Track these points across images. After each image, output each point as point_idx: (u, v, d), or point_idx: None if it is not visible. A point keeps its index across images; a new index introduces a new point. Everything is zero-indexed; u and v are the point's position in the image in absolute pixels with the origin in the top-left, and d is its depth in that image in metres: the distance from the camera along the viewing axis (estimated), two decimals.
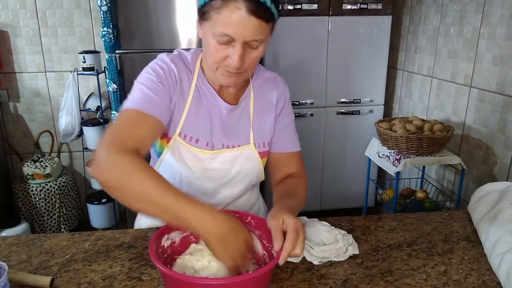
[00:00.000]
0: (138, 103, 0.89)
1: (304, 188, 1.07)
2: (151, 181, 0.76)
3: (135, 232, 1.07)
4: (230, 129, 1.03)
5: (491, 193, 1.15)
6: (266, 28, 0.85)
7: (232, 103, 1.03)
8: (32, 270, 0.89)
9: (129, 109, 0.88)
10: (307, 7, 2.55)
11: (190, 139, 0.99)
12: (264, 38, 0.86)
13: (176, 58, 0.98)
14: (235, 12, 0.80)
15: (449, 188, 2.28)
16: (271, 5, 0.83)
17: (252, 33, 0.83)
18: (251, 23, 0.81)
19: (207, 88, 1.00)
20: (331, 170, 2.90)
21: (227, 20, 0.81)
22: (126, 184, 0.76)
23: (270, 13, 0.83)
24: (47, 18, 2.67)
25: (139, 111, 0.88)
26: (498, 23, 1.85)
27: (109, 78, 2.32)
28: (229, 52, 0.86)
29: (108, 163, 0.78)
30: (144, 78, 0.93)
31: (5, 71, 2.72)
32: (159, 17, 2.25)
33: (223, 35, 0.83)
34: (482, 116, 1.98)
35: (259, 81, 1.08)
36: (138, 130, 0.86)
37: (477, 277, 0.88)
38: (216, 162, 1.02)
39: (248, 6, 0.80)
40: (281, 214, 0.82)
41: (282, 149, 1.10)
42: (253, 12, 0.80)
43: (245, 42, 0.84)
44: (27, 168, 2.64)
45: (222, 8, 0.81)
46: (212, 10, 0.83)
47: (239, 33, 0.82)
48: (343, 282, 0.85)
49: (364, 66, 2.72)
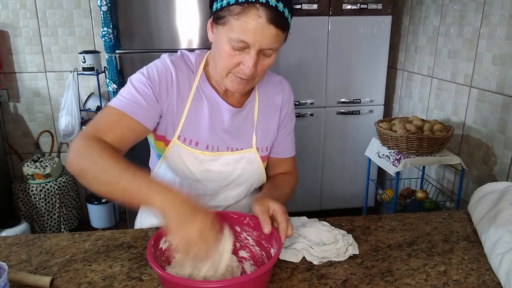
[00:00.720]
0: (124, 105, 0.89)
1: (290, 185, 1.10)
2: (111, 162, 0.77)
3: (135, 232, 1.07)
4: (234, 131, 1.02)
5: (491, 193, 1.15)
6: (281, 37, 0.86)
7: (237, 106, 1.02)
8: (32, 270, 0.89)
9: (111, 107, 0.90)
10: (307, 7, 2.54)
11: (190, 142, 0.99)
12: (278, 46, 0.88)
13: (177, 60, 0.98)
14: (255, 19, 0.80)
15: (449, 188, 2.28)
16: (288, 15, 0.84)
17: (269, 42, 0.84)
18: (269, 31, 0.82)
19: (209, 91, 0.99)
20: (331, 170, 2.90)
21: (245, 27, 0.81)
22: (88, 168, 0.79)
23: (286, 23, 0.85)
24: (47, 18, 2.67)
25: (120, 110, 0.88)
26: (498, 23, 1.85)
27: (109, 78, 2.32)
28: (243, 59, 0.86)
29: (75, 151, 0.82)
30: (136, 79, 0.93)
31: (5, 71, 2.72)
32: (159, 17, 2.25)
33: (240, 41, 0.83)
34: (482, 116, 1.98)
35: (264, 85, 1.07)
36: (116, 128, 0.87)
37: (477, 277, 0.88)
38: (217, 164, 1.01)
39: (269, 15, 0.80)
40: (265, 200, 0.86)
41: (281, 155, 1.13)
42: (273, 21, 0.81)
43: (260, 49, 0.85)
44: (27, 168, 2.64)
45: (241, 15, 0.81)
46: (230, 16, 0.82)
47: (256, 41, 0.83)
48: (343, 282, 0.85)
49: (364, 66, 2.72)
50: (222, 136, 1.01)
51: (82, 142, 0.82)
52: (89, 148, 0.81)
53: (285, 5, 0.83)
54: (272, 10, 0.80)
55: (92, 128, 0.87)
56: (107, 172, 0.77)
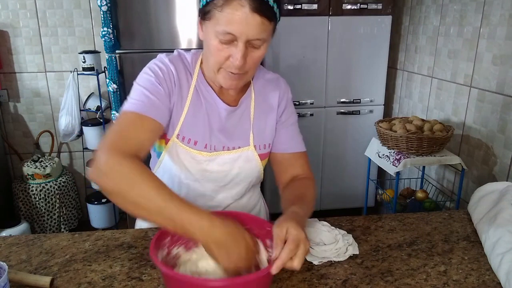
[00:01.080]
0: (137, 106, 0.88)
1: (312, 190, 1.04)
2: (152, 188, 0.75)
3: (135, 232, 1.07)
4: (230, 130, 1.02)
5: (491, 193, 1.15)
6: (268, 27, 0.85)
7: (232, 105, 1.02)
8: (32, 270, 0.89)
9: (128, 112, 0.88)
10: (307, 7, 2.54)
11: (188, 141, 0.99)
12: (266, 37, 0.86)
13: (175, 59, 0.98)
14: (238, 9, 0.80)
15: (449, 188, 2.28)
16: (273, 4, 0.83)
17: (255, 32, 0.83)
18: (254, 21, 0.81)
19: (207, 90, 1.00)
20: (331, 170, 2.90)
21: (230, 18, 0.81)
22: (126, 190, 0.76)
23: (273, 12, 0.84)
24: (47, 18, 2.67)
25: (138, 113, 0.87)
26: (498, 23, 1.85)
27: (109, 78, 2.32)
28: (231, 52, 0.86)
29: (108, 168, 0.78)
30: (143, 80, 0.93)
31: (5, 71, 2.72)
32: (159, 17, 2.25)
33: (226, 33, 0.83)
34: (482, 116, 1.98)
35: (260, 82, 1.07)
36: (138, 133, 0.86)
37: (477, 277, 0.88)
38: (214, 164, 1.01)
39: (252, 4, 0.80)
40: (286, 223, 0.80)
41: (285, 150, 1.09)
42: (257, 10, 0.81)
43: (248, 41, 0.84)
44: (27, 168, 2.64)
45: (225, 6, 0.81)
46: (214, 9, 0.83)
47: (242, 31, 0.82)
48: (343, 282, 0.85)
49: (364, 66, 2.72)
50: (219, 135, 1.01)
51: (114, 158, 0.78)
52: (126, 169, 0.77)
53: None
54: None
55: (116, 136, 0.85)
56: (151, 200, 0.75)
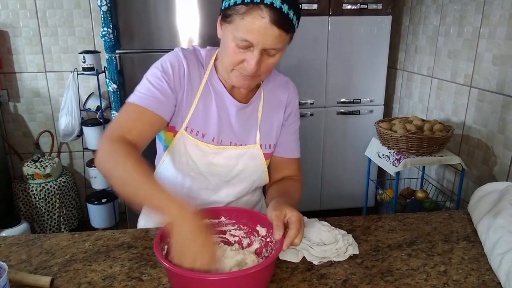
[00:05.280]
0: (140, 98, 0.94)
1: (299, 191, 1.12)
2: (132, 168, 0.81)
3: (135, 232, 1.07)
4: (238, 127, 1.05)
5: (491, 193, 1.15)
6: (285, 38, 0.87)
7: (243, 102, 1.04)
8: (32, 270, 0.89)
9: (130, 103, 0.94)
10: (307, 7, 2.54)
11: (197, 134, 1.01)
12: (282, 47, 0.89)
13: (189, 54, 1.01)
14: (258, 20, 0.82)
15: (449, 188, 2.28)
16: (293, 17, 0.86)
17: (272, 42, 0.85)
18: (272, 32, 0.84)
19: (218, 85, 1.02)
20: (331, 170, 2.90)
21: (249, 27, 0.83)
22: (111, 168, 0.84)
23: (291, 25, 0.86)
24: (47, 18, 2.67)
25: (140, 105, 0.93)
26: (498, 23, 1.85)
27: (109, 78, 2.32)
28: (246, 57, 0.88)
29: (101, 151, 0.87)
30: (151, 74, 0.97)
31: (5, 71, 2.72)
32: (159, 17, 2.25)
33: (244, 40, 0.85)
34: (482, 116, 1.98)
35: (270, 84, 1.09)
36: (136, 124, 0.92)
37: (477, 277, 0.88)
38: (220, 157, 1.03)
39: (272, 16, 0.82)
40: (283, 206, 0.87)
41: (285, 154, 1.14)
42: (276, 23, 0.83)
43: (264, 49, 0.87)
44: (27, 168, 2.64)
45: (246, 15, 0.83)
46: (236, 15, 0.85)
47: (259, 41, 0.85)
48: (343, 282, 0.85)
49: (364, 66, 2.72)
50: (227, 130, 1.03)
51: (108, 143, 0.87)
52: (114, 151, 0.85)
53: (290, 7, 0.84)
54: (276, 11, 0.82)
55: (115, 126, 0.92)
56: (130, 177, 0.81)
